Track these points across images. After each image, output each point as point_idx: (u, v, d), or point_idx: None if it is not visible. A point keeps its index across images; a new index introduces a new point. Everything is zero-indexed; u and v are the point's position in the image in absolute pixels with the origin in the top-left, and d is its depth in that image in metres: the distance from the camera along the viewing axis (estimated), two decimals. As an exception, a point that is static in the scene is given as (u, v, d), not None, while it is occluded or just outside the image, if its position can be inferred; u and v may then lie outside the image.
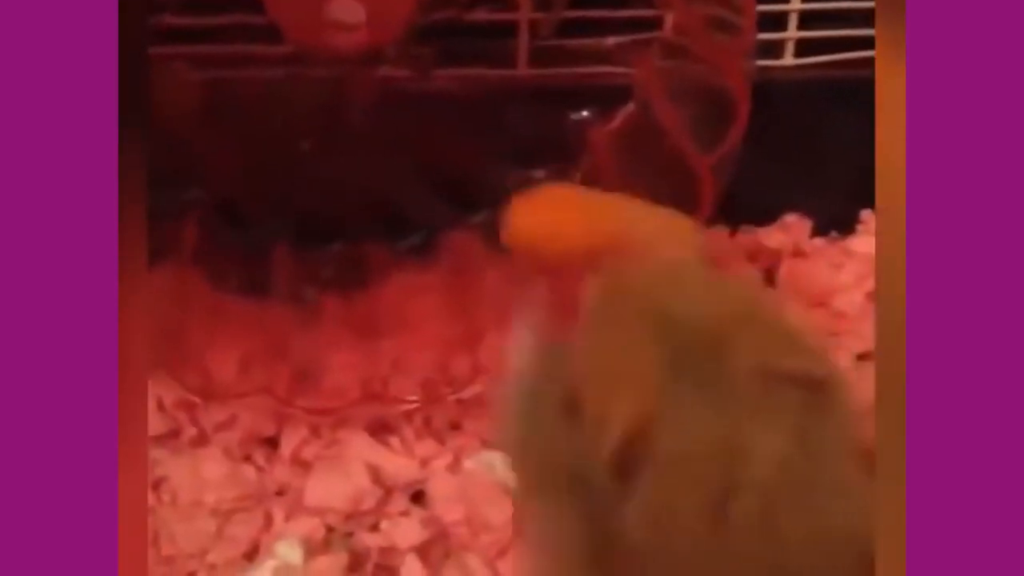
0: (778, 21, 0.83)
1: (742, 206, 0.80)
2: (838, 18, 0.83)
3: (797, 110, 0.84)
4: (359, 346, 0.74)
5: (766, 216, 0.87)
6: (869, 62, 0.83)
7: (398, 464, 0.69)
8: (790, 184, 0.87)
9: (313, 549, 0.63)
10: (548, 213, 0.56)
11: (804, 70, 0.85)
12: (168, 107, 0.75)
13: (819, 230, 0.87)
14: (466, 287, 0.76)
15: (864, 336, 0.78)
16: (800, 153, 0.85)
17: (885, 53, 0.39)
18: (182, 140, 0.75)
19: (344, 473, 0.67)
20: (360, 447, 0.70)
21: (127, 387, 0.38)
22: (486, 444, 0.70)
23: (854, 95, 0.84)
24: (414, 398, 0.71)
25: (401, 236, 0.79)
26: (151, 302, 0.42)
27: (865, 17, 0.82)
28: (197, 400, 0.71)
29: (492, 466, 0.68)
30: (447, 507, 0.66)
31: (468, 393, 0.71)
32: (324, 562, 0.62)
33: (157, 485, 0.67)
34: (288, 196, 0.78)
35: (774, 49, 0.84)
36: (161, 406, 0.72)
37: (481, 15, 0.77)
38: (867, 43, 0.83)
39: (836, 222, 0.87)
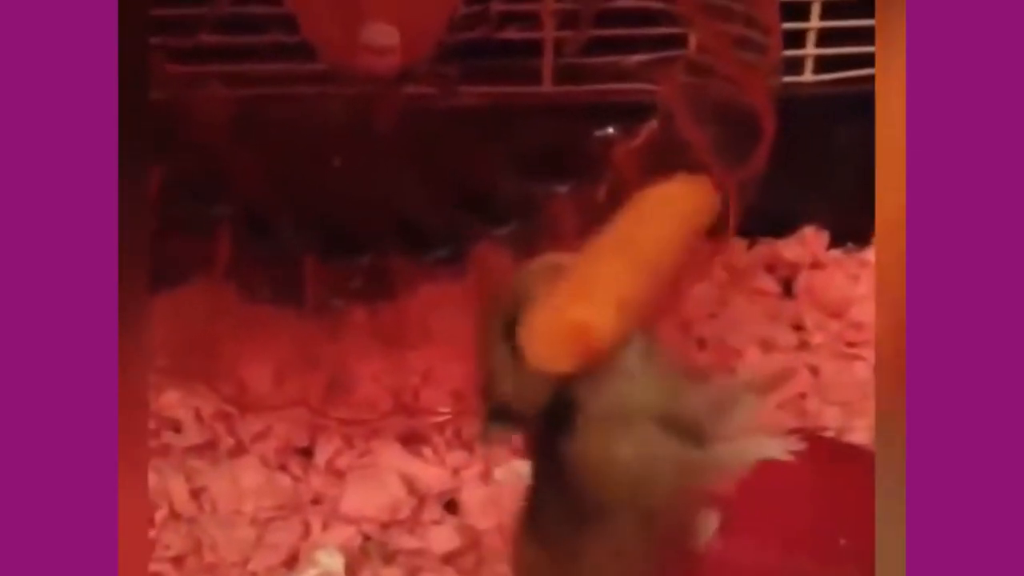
0: (797, 38, 0.85)
1: (760, 219, 0.82)
2: (854, 36, 0.85)
3: (814, 125, 0.85)
4: (390, 358, 0.76)
5: (784, 228, 0.89)
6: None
7: (431, 474, 0.71)
8: (807, 197, 0.88)
9: (351, 557, 0.65)
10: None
11: (821, 86, 0.87)
12: (202, 123, 0.77)
13: (836, 242, 0.89)
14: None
15: (882, 347, 0.80)
16: (817, 167, 0.87)
17: (885, 63, 0.40)
18: (216, 155, 0.77)
19: (379, 482, 0.69)
20: (393, 457, 0.71)
21: (127, 403, 0.39)
22: (515, 454, 0.72)
23: (869, 110, 0.86)
24: (445, 409, 0.73)
25: (428, 249, 0.80)
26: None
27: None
28: (233, 411, 0.73)
29: (521, 475, 0.70)
30: (479, 515, 0.68)
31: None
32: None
33: (197, 495, 0.69)
34: (318, 210, 0.79)
35: (793, 65, 0.86)
36: (199, 417, 0.73)
37: (508, 34, 0.79)
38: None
39: (852, 234, 0.89)
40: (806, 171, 0.85)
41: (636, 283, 0.48)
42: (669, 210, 0.51)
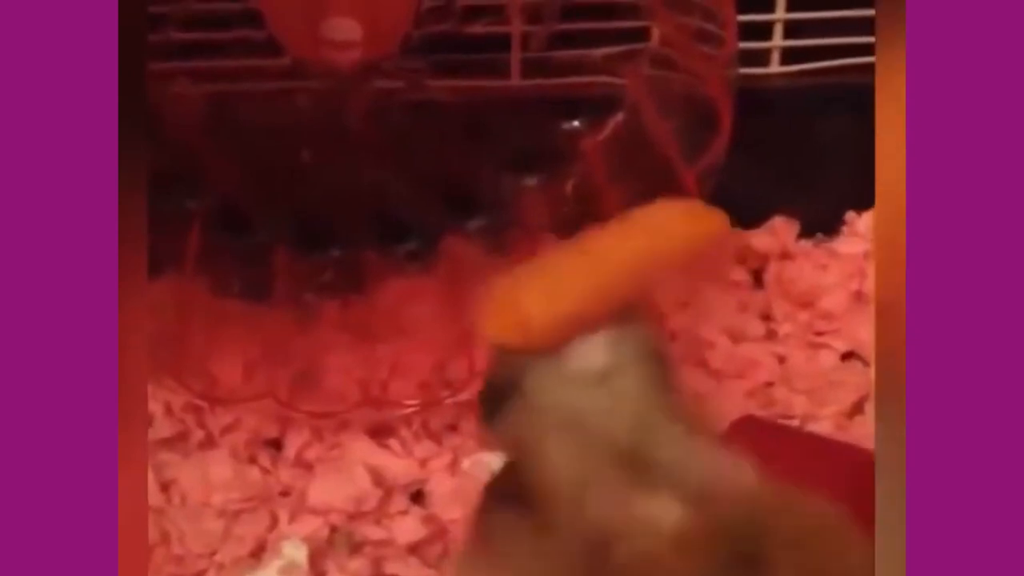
0: (764, 30, 0.86)
1: (731, 210, 0.82)
2: (822, 27, 0.85)
3: (783, 116, 0.86)
4: (358, 350, 0.76)
5: (754, 219, 0.89)
6: (853, 69, 0.86)
7: (398, 465, 0.71)
8: (777, 188, 0.89)
9: (317, 548, 0.65)
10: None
11: (790, 78, 0.87)
12: (171, 120, 0.77)
13: (805, 232, 0.89)
14: (462, 291, 0.78)
15: (849, 336, 0.80)
16: (787, 158, 0.87)
17: (885, 56, 0.40)
18: (185, 151, 0.77)
19: (346, 474, 0.70)
20: (361, 449, 0.72)
21: (127, 392, 0.39)
22: (483, 445, 0.72)
23: (839, 101, 0.86)
24: (413, 401, 0.74)
25: (398, 242, 0.81)
26: (151, 310, 0.43)
27: (848, 26, 0.84)
28: (203, 404, 0.74)
29: (488, 466, 0.71)
30: (446, 506, 0.69)
31: (465, 396, 0.73)
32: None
33: (167, 487, 0.70)
34: (288, 204, 0.80)
35: (760, 57, 0.86)
36: (169, 410, 0.74)
37: (475, 28, 0.79)
38: (850, 51, 0.85)
39: (822, 224, 0.89)
40: (776, 163, 0.86)
41: (588, 283, 0.47)
42: (656, 227, 0.50)
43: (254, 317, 0.77)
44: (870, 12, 0.79)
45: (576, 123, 0.78)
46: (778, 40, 0.86)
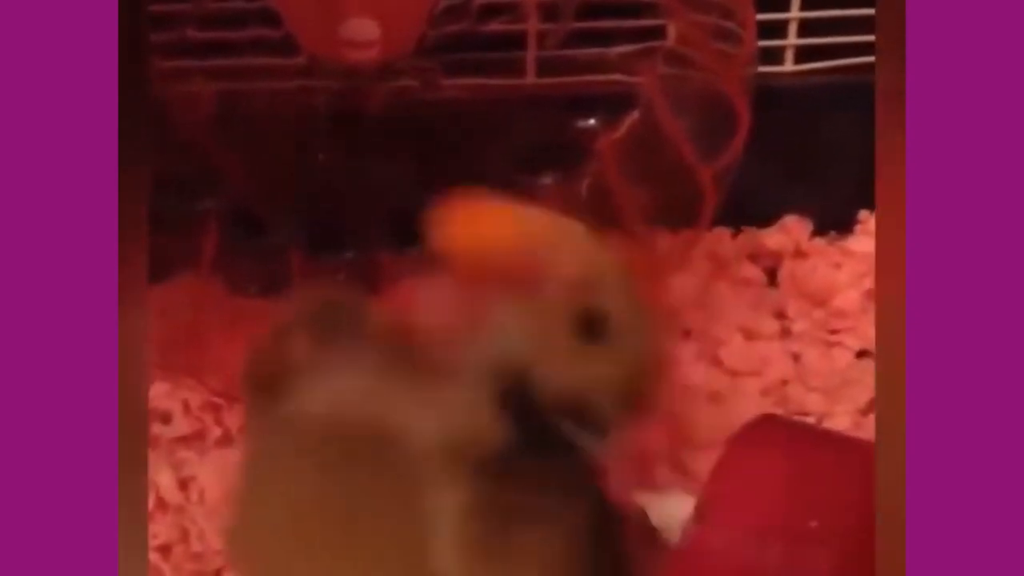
0: (778, 29, 0.86)
1: (744, 209, 0.83)
2: (836, 26, 0.86)
3: (797, 115, 0.86)
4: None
5: (767, 218, 0.89)
6: (865, 68, 0.86)
7: (413, 462, 0.71)
8: (790, 186, 0.89)
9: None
10: (484, 226, 0.54)
11: (803, 76, 0.87)
12: (186, 119, 0.78)
13: (819, 231, 0.89)
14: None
15: (863, 334, 0.80)
16: (800, 156, 0.87)
17: (885, 55, 0.41)
18: (200, 151, 0.78)
19: (363, 471, 0.70)
20: (378, 447, 0.72)
21: (127, 398, 0.40)
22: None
23: (851, 100, 0.86)
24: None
25: (412, 243, 0.81)
26: (159, 312, 0.43)
27: (862, 24, 0.85)
28: (221, 402, 0.74)
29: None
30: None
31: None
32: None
33: (185, 484, 0.70)
34: (303, 204, 0.80)
35: (774, 56, 0.86)
36: (187, 408, 0.74)
37: (491, 27, 0.79)
38: (863, 49, 0.85)
39: (835, 223, 0.89)
40: (789, 161, 0.86)
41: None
42: None
43: (271, 316, 0.77)
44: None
45: (592, 121, 0.79)
46: (792, 38, 0.86)
